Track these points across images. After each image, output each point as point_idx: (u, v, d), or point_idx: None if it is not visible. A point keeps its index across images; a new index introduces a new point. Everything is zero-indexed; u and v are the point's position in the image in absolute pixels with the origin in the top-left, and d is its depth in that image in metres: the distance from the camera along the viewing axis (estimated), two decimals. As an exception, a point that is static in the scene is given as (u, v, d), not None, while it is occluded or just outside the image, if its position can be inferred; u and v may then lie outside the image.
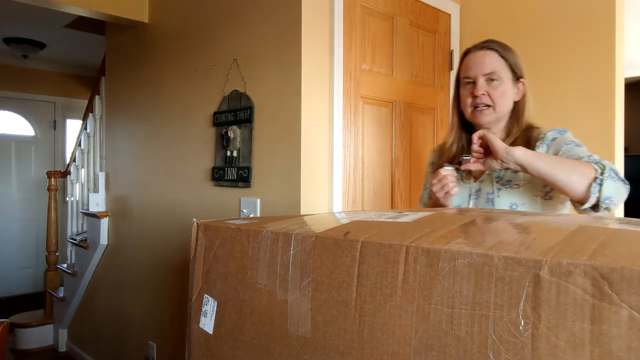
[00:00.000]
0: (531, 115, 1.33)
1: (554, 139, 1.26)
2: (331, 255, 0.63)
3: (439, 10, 2.31)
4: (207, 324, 0.77)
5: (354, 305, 0.60)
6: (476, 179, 1.36)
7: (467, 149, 1.38)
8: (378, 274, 0.58)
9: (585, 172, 1.07)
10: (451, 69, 2.37)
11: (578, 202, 1.12)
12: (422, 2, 2.22)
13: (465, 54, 1.35)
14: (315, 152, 1.77)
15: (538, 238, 0.56)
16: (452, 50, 2.38)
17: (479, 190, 1.33)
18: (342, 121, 1.85)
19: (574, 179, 1.07)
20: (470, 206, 1.33)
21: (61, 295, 3.47)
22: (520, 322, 0.48)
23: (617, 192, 1.07)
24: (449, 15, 2.36)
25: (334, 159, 1.82)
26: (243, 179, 1.94)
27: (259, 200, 1.89)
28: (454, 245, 0.54)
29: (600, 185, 1.06)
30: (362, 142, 1.96)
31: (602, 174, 1.07)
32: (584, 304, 0.45)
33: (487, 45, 1.31)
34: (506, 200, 1.27)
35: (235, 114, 1.98)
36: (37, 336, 3.54)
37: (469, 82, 1.31)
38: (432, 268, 0.54)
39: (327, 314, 0.62)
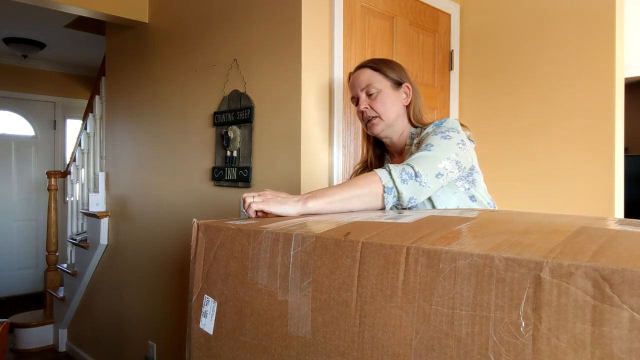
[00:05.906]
0: (421, 115, 1.37)
1: (427, 133, 1.26)
2: (331, 256, 0.63)
3: (439, 10, 2.31)
4: (208, 324, 0.77)
5: (355, 306, 0.60)
6: None
7: (375, 164, 1.45)
8: (378, 274, 0.58)
9: (373, 191, 1.09)
10: (451, 69, 2.37)
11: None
12: (422, 2, 2.22)
13: (349, 78, 1.42)
14: (315, 153, 1.77)
15: (539, 239, 0.56)
16: (452, 50, 2.37)
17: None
18: (342, 121, 1.85)
19: (368, 201, 1.09)
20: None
21: (61, 295, 3.47)
22: (521, 323, 0.48)
23: (415, 191, 1.10)
24: (449, 15, 2.36)
25: (334, 159, 1.82)
26: (243, 179, 1.94)
27: (259, 200, 1.89)
28: (455, 246, 0.54)
29: (398, 193, 1.08)
30: (362, 143, 1.95)
31: (392, 181, 1.08)
32: (585, 305, 0.45)
33: (362, 64, 1.39)
34: (444, 201, 1.25)
35: (235, 114, 1.98)
36: (37, 336, 3.53)
37: (355, 102, 1.39)
38: (433, 269, 0.54)
39: (327, 314, 0.62)
